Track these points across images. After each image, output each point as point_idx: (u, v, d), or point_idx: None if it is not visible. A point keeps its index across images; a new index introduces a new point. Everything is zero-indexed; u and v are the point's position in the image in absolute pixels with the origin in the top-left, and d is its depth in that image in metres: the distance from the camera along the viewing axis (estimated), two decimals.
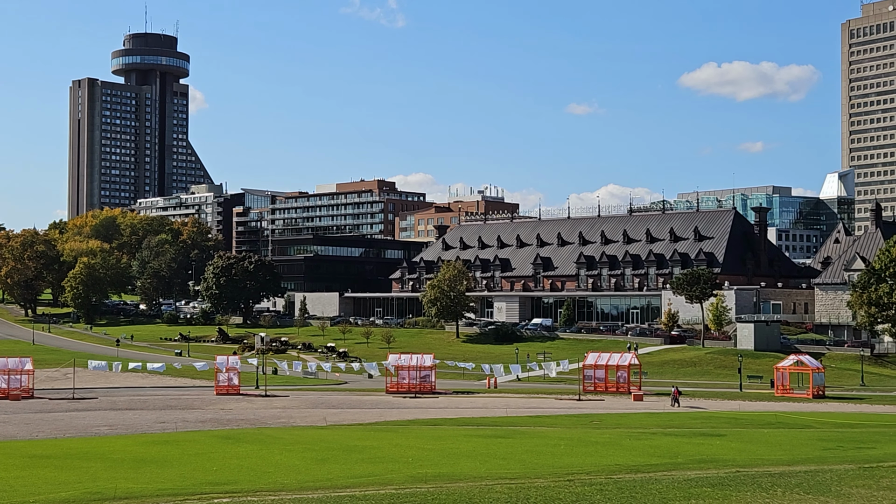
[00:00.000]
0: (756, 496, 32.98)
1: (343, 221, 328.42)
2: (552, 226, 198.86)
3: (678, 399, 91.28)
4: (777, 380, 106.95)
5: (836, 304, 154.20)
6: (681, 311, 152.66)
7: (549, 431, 63.11)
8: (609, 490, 34.23)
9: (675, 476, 38.85)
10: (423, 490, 34.60)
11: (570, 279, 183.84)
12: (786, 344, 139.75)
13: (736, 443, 56.61)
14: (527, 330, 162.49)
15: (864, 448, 53.66)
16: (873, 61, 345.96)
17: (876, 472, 40.08)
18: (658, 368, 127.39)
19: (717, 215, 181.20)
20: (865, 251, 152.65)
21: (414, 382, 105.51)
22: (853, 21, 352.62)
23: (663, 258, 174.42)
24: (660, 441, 56.82)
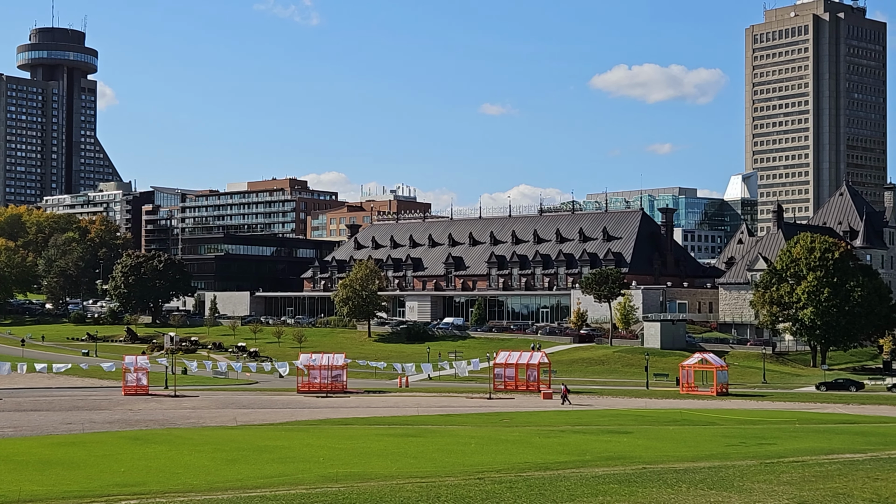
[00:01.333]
0: (661, 492, 33.67)
1: (254, 220, 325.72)
2: (464, 225, 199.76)
3: (567, 397, 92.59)
4: (682, 378, 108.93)
5: (739, 303, 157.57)
6: (590, 311, 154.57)
7: (459, 430, 63.55)
8: (519, 488, 34.69)
9: (583, 473, 39.51)
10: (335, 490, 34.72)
11: (481, 278, 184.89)
12: (691, 342, 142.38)
13: (642, 440, 57.64)
14: (438, 329, 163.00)
15: (765, 444, 55.04)
16: (775, 66, 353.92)
17: (777, 468, 41.22)
18: (567, 367, 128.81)
19: (625, 216, 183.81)
20: (767, 252, 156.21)
21: (325, 382, 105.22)
22: (756, 26, 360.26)
23: (573, 258, 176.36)
24: (569, 439, 57.63)
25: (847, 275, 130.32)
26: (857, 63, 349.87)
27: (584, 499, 32.22)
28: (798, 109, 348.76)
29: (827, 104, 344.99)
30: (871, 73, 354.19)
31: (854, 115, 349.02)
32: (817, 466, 41.90)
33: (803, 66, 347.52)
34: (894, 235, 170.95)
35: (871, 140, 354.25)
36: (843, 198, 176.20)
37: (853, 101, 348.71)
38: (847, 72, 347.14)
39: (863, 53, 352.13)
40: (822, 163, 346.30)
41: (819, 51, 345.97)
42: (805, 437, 59.83)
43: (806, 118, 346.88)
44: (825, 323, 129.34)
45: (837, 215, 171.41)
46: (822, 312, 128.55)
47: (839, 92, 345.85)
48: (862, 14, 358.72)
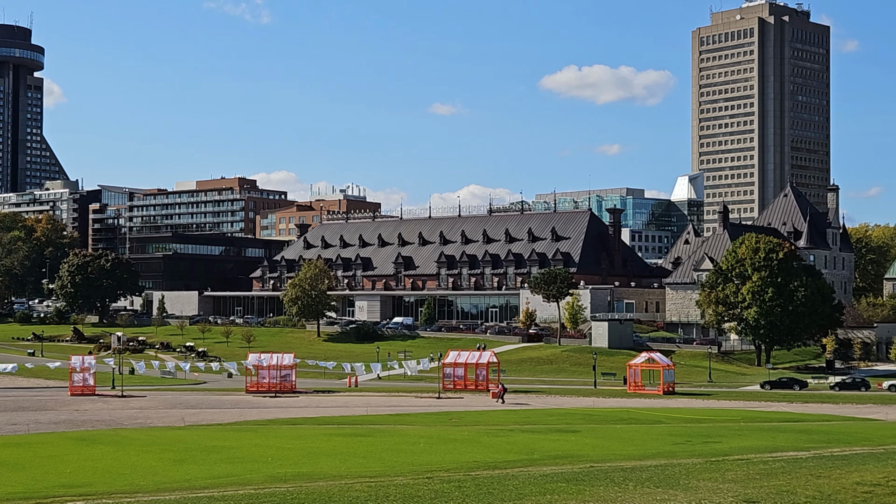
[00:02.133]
0: (608, 490, 34.00)
1: (203, 219, 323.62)
2: (414, 225, 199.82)
3: (503, 396, 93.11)
4: (630, 377, 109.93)
5: (685, 303, 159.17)
6: (538, 310, 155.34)
7: (408, 430, 63.66)
8: (467, 487, 34.85)
9: (531, 472, 39.77)
10: (283, 490, 34.69)
11: (430, 278, 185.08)
12: (638, 342, 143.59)
13: (590, 438, 58.10)
14: (388, 329, 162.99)
15: (710, 442, 55.68)
16: (722, 68, 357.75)
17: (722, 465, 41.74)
18: (516, 366, 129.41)
19: (574, 216, 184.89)
20: (713, 252, 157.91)
21: (274, 382, 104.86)
22: (703, 29, 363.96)
23: (522, 258, 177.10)
24: (517, 438, 57.95)
25: (791, 275, 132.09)
26: (801, 66, 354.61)
27: (532, 497, 32.46)
28: (743, 111, 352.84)
29: (772, 106, 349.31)
30: (814, 76, 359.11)
31: (798, 118, 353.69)
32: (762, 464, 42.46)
33: (749, 69, 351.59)
34: (837, 236, 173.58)
35: (814, 142, 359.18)
36: (787, 199, 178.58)
37: (797, 103, 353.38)
38: (791, 74, 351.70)
39: (807, 56, 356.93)
40: (766, 164, 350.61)
41: (764, 53, 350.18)
42: (750, 436, 60.61)
43: (751, 120, 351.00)
44: (769, 322, 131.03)
45: (782, 216, 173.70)
46: (767, 312, 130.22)
47: (784, 94, 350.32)
48: (806, 17, 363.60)
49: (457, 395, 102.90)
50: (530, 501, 31.71)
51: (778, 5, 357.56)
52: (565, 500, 31.72)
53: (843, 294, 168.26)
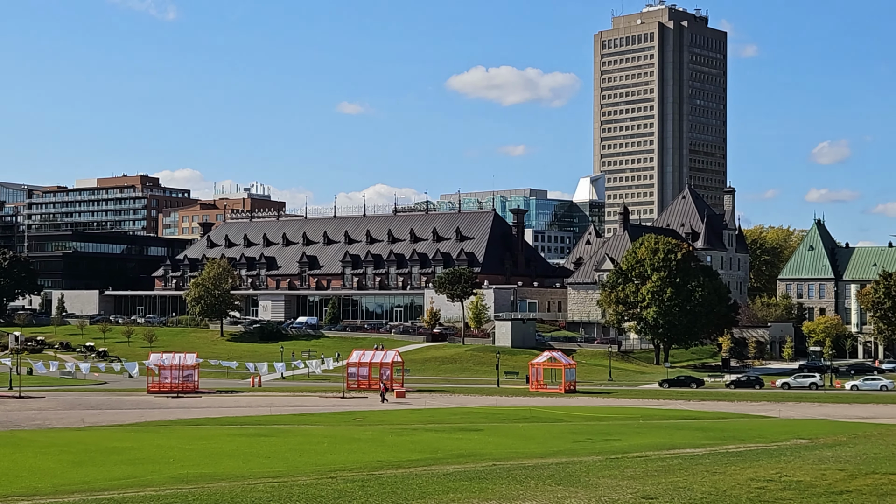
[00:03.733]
0: (511, 488, 34.42)
1: (104, 217, 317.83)
2: (319, 224, 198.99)
3: (385, 395, 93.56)
4: (532, 375, 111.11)
5: (587, 302, 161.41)
6: (443, 310, 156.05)
7: (312, 429, 63.57)
8: (371, 486, 35.00)
9: (434, 471, 40.08)
10: (185, 491, 34.43)
11: (335, 277, 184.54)
12: (541, 341, 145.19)
13: (493, 437, 58.70)
14: (292, 328, 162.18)
15: (610, 440, 56.66)
16: (623, 71, 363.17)
17: (621, 463, 42.52)
18: (420, 366, 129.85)
19: (478, 216, 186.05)
20: (614, 252, 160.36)
21: (176, 382, 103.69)
22: (605, 32, 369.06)
23: (426, 258, 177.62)
24: (421, 437, 58.27)
25: (689, 275, 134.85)
26: (699, 70, 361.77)
27: (436, 496, 32.70)
28: (644, 114, 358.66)
29: (671, 110, 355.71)
30: (712, 81, 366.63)
31: (696, 121, 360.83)
32: (660, 461, 43.27)
33: (649, 73, 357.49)
34: (733, 238, 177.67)
35: (712, 145, 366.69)
36: (685, 201, 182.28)
37: (696, 107, 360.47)
38: (690, 79, 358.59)
39: (705, 61, 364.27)
40: (666, 166, 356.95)
41: (664, 58, 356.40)
42: (648, 433, 61.81)
43: (651, 123, 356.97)
44: (668, 322, 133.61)
45: (680, 217, 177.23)
46: (665, 312, 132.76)
47: (682, 98, 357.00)
48: (704, 23, 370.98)
49: (361, 394, 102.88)
50: (433, 500, 31.98)
51: (677, 11, 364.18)
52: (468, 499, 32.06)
53: (739, 294, 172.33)
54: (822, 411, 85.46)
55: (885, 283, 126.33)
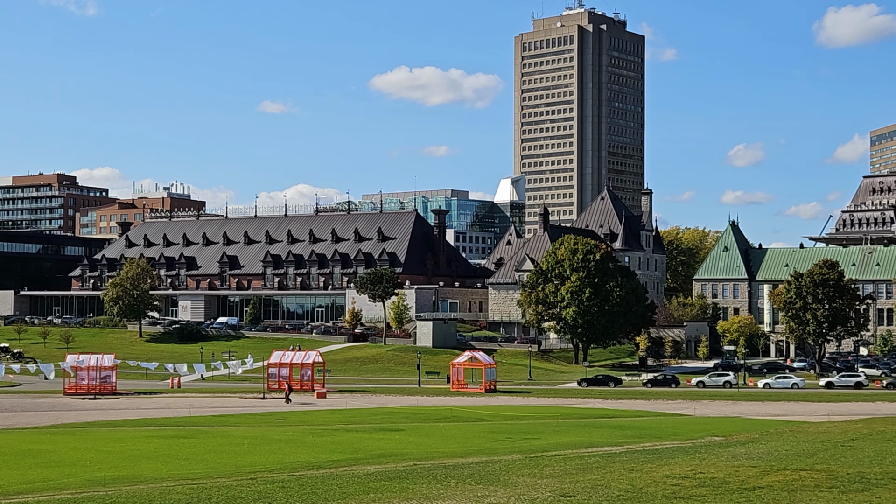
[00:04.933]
0: (431, 488, 34.69)
1: (19, 216, 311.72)
2: (239, 224, 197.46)
3: (289, 395, 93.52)
4: (453, 375, 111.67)
5: (507, 302, 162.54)
6: (364, 310, 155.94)
7: (232, 430, 63.28)
8: (291, 487, 35.02)
9: (355, 471, 40.23)
10: (102, 494, 34.14)
11: (256, 278, 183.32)
12: (462, 341, 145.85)
13: (414, 437, 58.98)
14: (212, 329, 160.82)
15: (530, 439, 57.30)
16: (543, 73, 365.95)
17: (540, 461, 43.05)
18: (342, 366, 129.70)
19: (400, 217, 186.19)
20: (534, 253, 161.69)
21: (94, 383, 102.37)
22: (525, 35, 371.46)
23: (348, 258, 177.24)
24: (342, 437, 58.35)
25: (607, 276, 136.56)
26: (617, 73, 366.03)
27: (356, 497, 32.84)
28: (563, 116, 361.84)
29: (590, 112, 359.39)
30: (630, 84, 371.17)
31: (615, 124, 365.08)
32: (578, 459, 43.88)
33: (569, 75, 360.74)
34: (650, 238, 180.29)
35: (630, 147, 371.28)
36: (604, 202, 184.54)
37: (614, 109, 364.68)
38: (609, 81, 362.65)
39: (623, 64, 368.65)
40: (585, 168, 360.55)
41: (583, 61, 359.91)
42: (567, 432, 62.61)
43: (571, 125, 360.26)
44: (587, 322, 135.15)
45: (599, 218, 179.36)
46: (584, 311, 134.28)
47: (601, 101, 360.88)
48: (623, 27, 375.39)
49: (282, 395, 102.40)
50: (354, 501, 32.12)
51: (596, 14, 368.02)
52: (388, 499, 32.25)
53: (656, 294, 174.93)
54: (735, 409, 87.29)
55: (797, 283, 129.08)
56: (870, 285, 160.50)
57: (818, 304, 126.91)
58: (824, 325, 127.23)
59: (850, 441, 50.52)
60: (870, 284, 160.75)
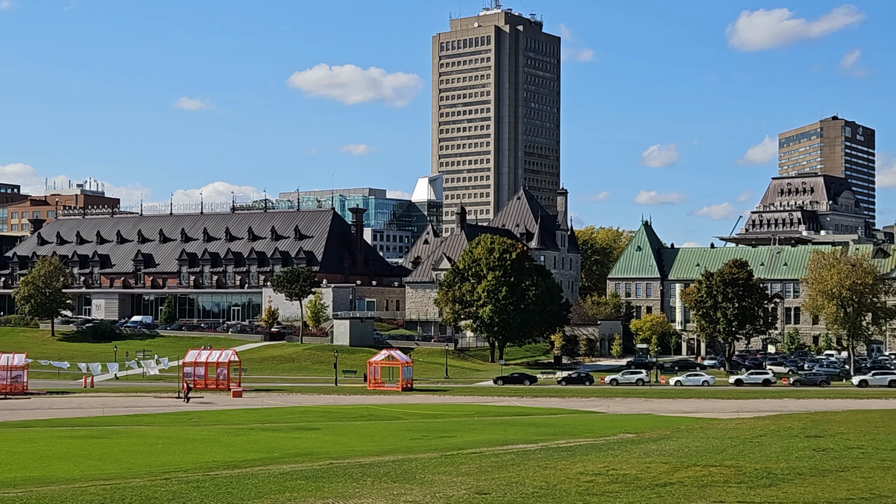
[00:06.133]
0: (347, 486, 34.92)
1: None
2: (154, 222, 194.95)
3: (188, 395, 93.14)
4: (370, 374, 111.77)
5: (424, 301, 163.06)
6: (281, 309, 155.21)
7: (147, 430, 62.75)
8: (206, 487, 34.97)
9: (271, 470, 40.29)
10: (12, 495, 33.78)
11: (171, 276, 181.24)
12: (379, 339, 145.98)
13: (330, 436, 59.11)
14: (126, 328, 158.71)
15: (446, 437, 57.79)
16: (461, 73, 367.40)
17: (456, 459, 43.52)
18: (258, 365, 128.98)
19: (317, 215, 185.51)
20: (451, 252, 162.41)
21: (4, 383, 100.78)
22: (443, 34, 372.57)
23: (265, 256, 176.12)
24: (258, 436, 58.24)
25: (523, 274, 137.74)
26: (534, 74, 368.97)
27: (272, 496, 32.93)
28: (480, 116, 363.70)
29: (507, 112, 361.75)
30: (546, 84, 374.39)
31: (531, 124, 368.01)
32: (493, 457, 44.44)
33: (486, 75, 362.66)
34: (565, 238, 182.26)
35: (546, 147, 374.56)
36: (520, 202, 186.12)
37: (530, 110, 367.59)
38: (525, 82, 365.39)
39: (539, 65, 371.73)
40: (502, 168, 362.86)
41: (500, 61, 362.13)
42: (483, 430, 63.24)
43: (488, 125, 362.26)
44: (503, 320, 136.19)
45: (515, 218, 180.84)
46: (500, 310, 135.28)
47: (518, 101, 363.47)
48: (539, 28, 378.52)
49: (197, 394, 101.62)
50: (270, 500, 32.22)
51: (513, 15, 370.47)
52: (304, 498, 32.41)
53: (571, 293, 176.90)
54: (647, 406, 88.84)
55: (707, 282, 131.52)
56: (778, 284, 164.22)
57: (728, 303, 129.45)
58: (734, 324, 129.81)
59: (757, 437, 51.84)
60: (778, 284, 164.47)
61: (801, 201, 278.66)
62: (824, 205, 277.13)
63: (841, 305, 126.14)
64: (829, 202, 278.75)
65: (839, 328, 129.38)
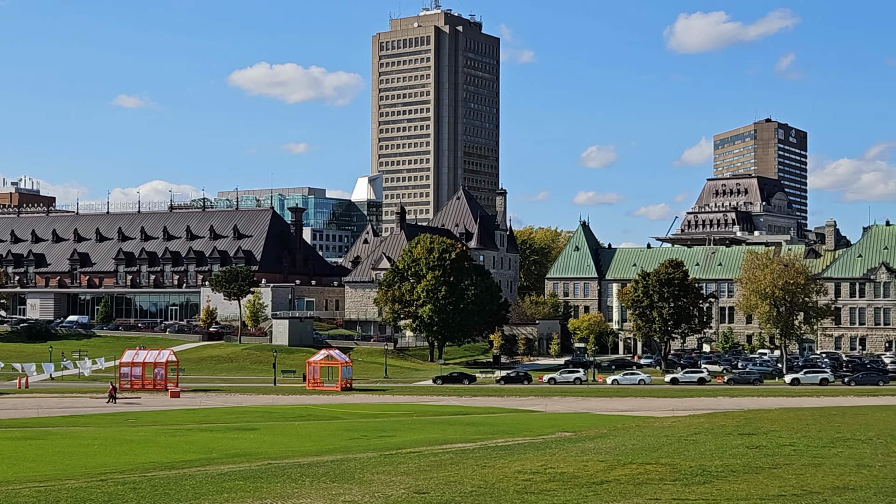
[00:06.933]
0: (286, 487, 34.94)
1: None
2: (91, 221, 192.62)
3: (114, 396, 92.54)
4: (309, 374, 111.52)
5: (364, 301, 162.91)
6: (220, 308, 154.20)
7: (82, 431, 62.12)
8: (143, 488, 34.80)
9: (209, 471, 40.16)
10: None
11: (108, 275, 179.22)
12: (318, 339, 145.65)
13: (269, 436, 58.98)
14: (62, 328, 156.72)
15: (385, 436, 57.94)
16: (400, 73, 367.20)
17: (395, 459, 43.71)
18: (196, 365, 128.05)
19: (256, 214, 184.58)
20: (391, 251, 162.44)
21: None
22: (383, 34, 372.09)
23: (203, 255, 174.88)
24: (195, 437, 57.93)
25: (462, 274, 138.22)
26: (473, 75, 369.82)
27: (210, 497, 32.86)
28: (420, 116, 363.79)
29: (447, 112, 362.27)
30: (486, 85, 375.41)
31: (471, 124, 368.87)
32: (432, 456, 44.70)
33: (425, 75, 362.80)
34: (504, 238, 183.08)
35: (485, 148, 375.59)
36: (459, 202, 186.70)
37: (470, 110, 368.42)
38: (465, 83, 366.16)
39: (479, 66, 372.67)
40: (441, 168, 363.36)
41: (440, 61, 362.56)
42: (422, 429, 63.48)
43: (427, 125, 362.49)
44: (442, 320, 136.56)
45: (455, 218, 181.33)
46: (440, 310, 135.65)
47: (458, 101, 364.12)
48: (478, 29, 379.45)
49: (134, 395, 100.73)
50: (207, 501, 32.16)
51: (453, 15, 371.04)
52: (242, 499, 32.40)
53: (510, 293, 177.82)
54: (585, 405, 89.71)
55: (644, 282, 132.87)
56: (712, 284, 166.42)
57: (664, 303, 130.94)
58: (670, 323, 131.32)
59: (692, 435, 52.63)
60: (712, 283, 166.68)
61: (736, 202, 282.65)
62: (758, 206, 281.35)
63: (774, 305, 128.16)
64: (763, 203, 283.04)
65: (772, 327, 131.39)
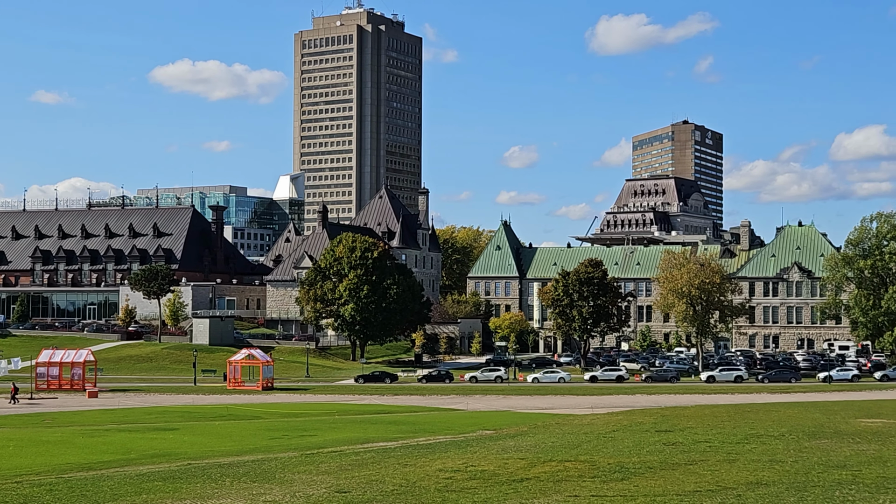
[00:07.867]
0: (206, 487, 34.73)
1: None
2: (6, 218, 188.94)
3: (16, 396, 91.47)
4: (230, 373, 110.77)
5: (286, 300, 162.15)
6: (139, 307, 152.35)
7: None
8: (59, 490, 34.37)
9: (127, 472, 39.78)
10: None
11: (24, 274, 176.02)
12: (239, 338, 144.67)
13: (188, 436, 58.52)
14: None
15: (306, 436, 57.84)
16: (323, 72, 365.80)
17: (316, 458, 43.66)
18: (115, 364, 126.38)
19: (176, 212, 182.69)
20: (313, 250, 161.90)
21: None
22: (305, 32, 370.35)
23: (122, 254, 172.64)
24: (114, 437, 57.29)
25: (385, 273, 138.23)
26: (396, 74, 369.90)
27: (128, 498, 32.57)
28: (343, 115, 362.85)
29: (369, 111, 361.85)
30: (408, 85, 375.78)
31: (393, 123, 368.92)
32: (354, 455, 44.72)
33: (348, 74, 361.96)
34: (427, 237, 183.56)
35: (408, 147, 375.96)
36: (382, 200, 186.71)
37: (393, 109, 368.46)
38: (387, 82, 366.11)
39: (401, 65, 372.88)
40: (364, 166, 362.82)
41: (363, 60, 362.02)
42: (344, 428, 63.47)
43: (350, 123, 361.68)
44: (364, 319, 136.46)
45: (377, 217, 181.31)
46: (362, 309, 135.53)
47: (380, 100, 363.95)
48: (401, 28, 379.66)
49: (51, 395, 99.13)
50: (126, 502, 31.89)
51: (375, 14, 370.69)
52: (161, 499, 32.16)
53: (432, 292, 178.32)
54: (506, 403, 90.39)
55: (564, 281, 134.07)
56: (631, 283, 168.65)
57: (583, 302, 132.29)
58: (589, 322, 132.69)
59: (611, 433, 53.35)
60: (631, 283, 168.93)
61: (654, 202, 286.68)
62: (675, 206, 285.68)
63: (690, 304, 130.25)
64: (680, 204, 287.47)
65: (689, 326, 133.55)
